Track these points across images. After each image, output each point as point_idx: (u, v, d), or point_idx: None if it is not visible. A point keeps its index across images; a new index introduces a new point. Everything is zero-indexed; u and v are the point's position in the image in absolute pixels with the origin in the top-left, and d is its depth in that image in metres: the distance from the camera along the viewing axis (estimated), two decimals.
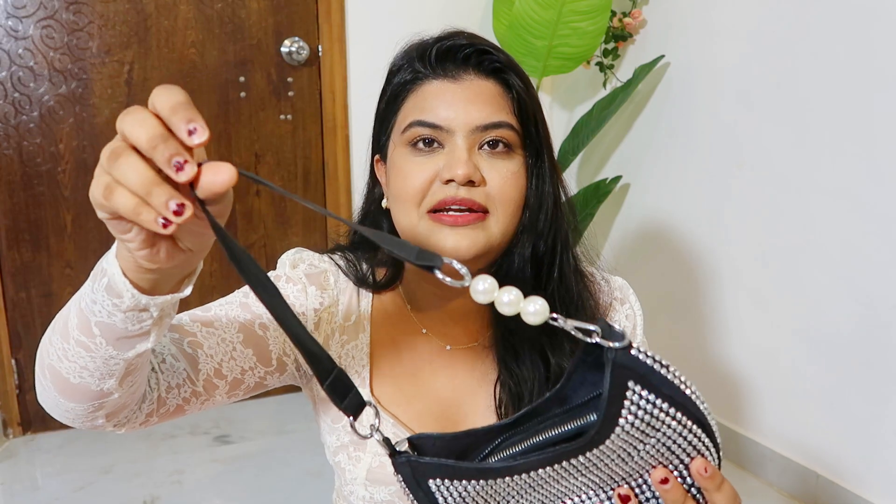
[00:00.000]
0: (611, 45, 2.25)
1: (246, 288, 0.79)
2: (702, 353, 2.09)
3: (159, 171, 0.45)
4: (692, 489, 0.54)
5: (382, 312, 0.85)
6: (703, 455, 0.53)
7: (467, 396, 0.83)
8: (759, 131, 1.85)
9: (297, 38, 2.27)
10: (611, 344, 0.47)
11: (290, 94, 2.31)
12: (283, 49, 2.27)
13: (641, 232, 2.29)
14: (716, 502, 0.55)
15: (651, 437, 0.51)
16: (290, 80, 2.30)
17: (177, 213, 0.45)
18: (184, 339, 0.72)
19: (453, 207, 0.74)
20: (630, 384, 0.48)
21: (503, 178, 0.75)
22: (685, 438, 0.52)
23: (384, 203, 0.82)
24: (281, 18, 2.26)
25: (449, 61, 0.77)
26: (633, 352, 0.48)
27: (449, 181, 0.74)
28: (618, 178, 2.26)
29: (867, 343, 1.63)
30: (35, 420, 2.22)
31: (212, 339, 0.73)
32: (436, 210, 0.74)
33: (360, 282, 0.84)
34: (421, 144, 0.75)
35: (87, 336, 0.56)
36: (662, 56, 2.11)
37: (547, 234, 0.79)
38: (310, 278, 0.81)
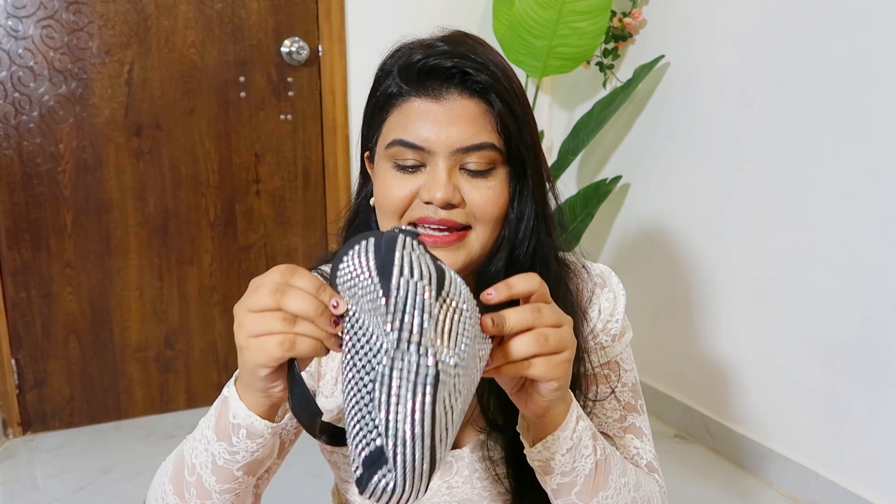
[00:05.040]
0: (611, 45, 2.25)
1: None
2: (701, 353, 2.09)
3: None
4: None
5: None
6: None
7: None
8: (758, 131, 1.85)
9: (297, 38, 2.27)
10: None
11: (290, 94, 2.31)
12: (283, 49, 2.27)
13: (641, 232, 2.29)
14: None
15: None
16: (290, 80, 2.30)
17: (336, 325, 0.58)
18: None
19: (432, 227, 0.75)
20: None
21: (483, 198, 0.76)
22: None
23: (372, 201, 0.83)
24: (281, 18, 2.26)
25: (431, 79, 0.76)
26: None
27: (429, 202, 0.75)
28: (618, 178, 2.26)
29: (867, 343, 1.63)
30: (35, 420, 2.22)
31: None
32: (416, 225, 0.76)
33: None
34: (403, 166, 0.76)
35: (231, 482, 0.67)
36: (662, 56, 2.11)
37: (527, 246, 0.80)
38: None
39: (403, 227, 0.59)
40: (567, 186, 2.52)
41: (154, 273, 2.27)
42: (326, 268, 0.89)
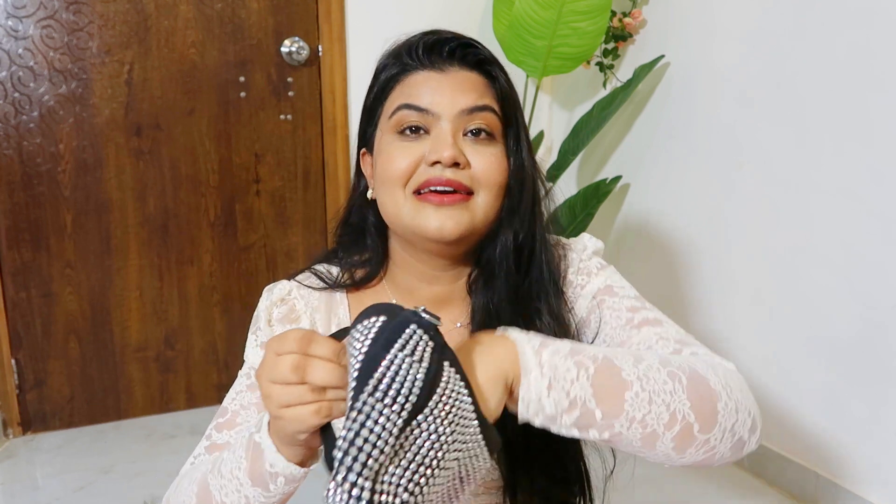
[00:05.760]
0: (611, 45, 2.25)
1: (247, 369, 0.86)
2: None
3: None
4: None
5: None
6: None
7: None
8: (758, 131, 1.85)
9: (297, 38, 2.27)
10: None
11: (290, 94, 2.31)
12: (283, 49, 2.27)
13: (641, 232, 2.29)
14: None
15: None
16: (290, 80, 2.30)
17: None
18: None
19: (438, 189, 0.77)
20: None
21: (487, 162, 0.78)
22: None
23: (370, 194, 0.85)
24: (281, 18, 2.26)
25: (435, 54, 0.81)
26: None
27: (435, 163, 0.77)
28: (618, 178, 2.26)
29: (867, 343, 1.63)
30: (35, 420, 2.22)
31: None
32: (421, 191, 0.77)
33: (335, 286, 0.87)
34: (408, 131, 0.79)
35: None
36: (662, 56, 2.11)
37: (527, 220, 0.82)
38: (283, 323, 0.86)
39: (422, 314, 0.54)
40: (567, 186, 2.52)
41: (154, 273, 2.27)
42: (321, 267, 0.90)
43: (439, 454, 0.52)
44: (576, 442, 0.84)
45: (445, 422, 0.52)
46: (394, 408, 0.50)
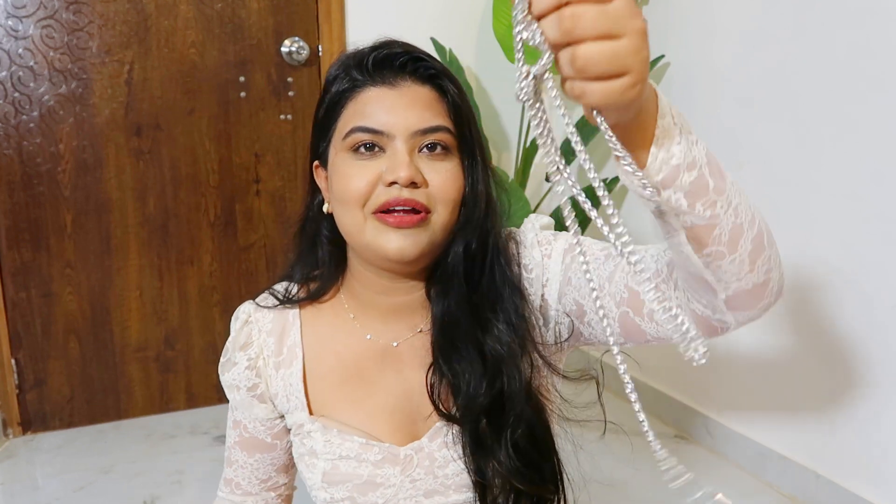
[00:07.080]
0: None
1: (230, 402, 0.93)
2: None
3: None
4: None
5: (317, 334, 0.89)
6: None
7: (416, 384, 0.86)
8: (758, 131, 1.85)
9: (297, 38, 2.27)
10: None
11: (291, 94, 2.31)
12: (283, 49, 2.27)
13: (641, 232, 2.28)
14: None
15: None
16: (290, 80, 2.30)
17: None
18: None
19: (398, 208, 0.77)
20: None
21: (443, 179, 0.78)
22: None
23: (325, 208, 0.85)
24: (281, 18, 2.26)
25: (386, 69, 0.80)
26: None
27: (392, 183, 0.76)
28: (618, 179, 2.27)
29: (867, 343, 1.63)
30: (35, 420, 2.22)
31: (251, 468, 0.95)
32: (380, 211, 0.77)
33: (288, 302, 0.89)
34: (363, 149, 0.78)
35: None
36: (662, 56, 2.11)
37: (480, 232, 0.82)
38: (243, 350, 0.89)
39: None
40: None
41: (154, 273, 2.27)
42: (279, 287, 0.92)
43: None
44: (550, 439, 0.84)
45: None
46: None
